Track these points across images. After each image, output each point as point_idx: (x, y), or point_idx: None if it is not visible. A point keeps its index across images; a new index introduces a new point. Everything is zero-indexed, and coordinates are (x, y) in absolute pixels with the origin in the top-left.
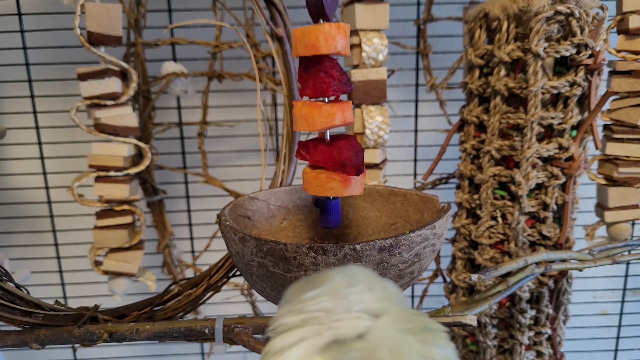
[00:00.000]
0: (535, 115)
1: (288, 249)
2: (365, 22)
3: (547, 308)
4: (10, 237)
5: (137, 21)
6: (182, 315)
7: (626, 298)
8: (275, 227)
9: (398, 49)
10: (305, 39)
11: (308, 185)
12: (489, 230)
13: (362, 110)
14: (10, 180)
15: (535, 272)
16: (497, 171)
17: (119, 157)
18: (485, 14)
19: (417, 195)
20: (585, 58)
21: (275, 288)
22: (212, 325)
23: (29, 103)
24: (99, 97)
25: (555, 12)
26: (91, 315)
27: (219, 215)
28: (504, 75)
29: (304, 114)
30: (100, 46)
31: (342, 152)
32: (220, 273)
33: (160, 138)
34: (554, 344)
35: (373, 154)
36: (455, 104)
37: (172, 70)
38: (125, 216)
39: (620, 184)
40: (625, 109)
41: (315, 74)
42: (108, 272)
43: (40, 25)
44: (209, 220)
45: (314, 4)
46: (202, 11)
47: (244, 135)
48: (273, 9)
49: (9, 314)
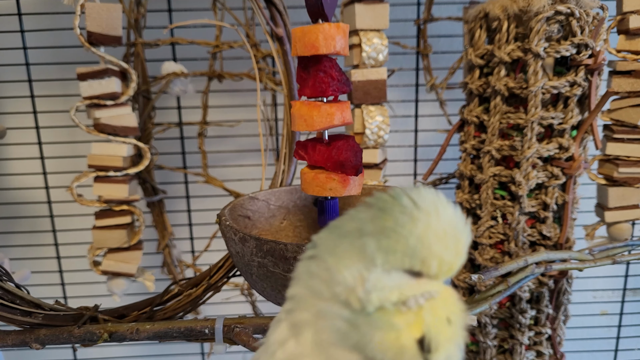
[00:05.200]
0: (535, 115)
1: (288, 249)
2: (365, 22)
3: (547, 308)
4: (10, 237)
5: (137, 21)
6: (182, 315)
7: (626, 298)
8: (275, 227)
9: (398, 49)
10: (305, 38)
11: (307, 185)
12: (489, 230)
13: (362, 110)
14: (10, 180)
15: (535, 272)
16: (497, 171)
17: (118, 157)
18: (485, 14)
19: None
20: (586, 58)
21: (275, 288)
22: (212, 325)
23: (29, 103)
24: (99, 97)
25: (556, 12)
26: (91, 315)
27: (219, 215)
28: (504, 75)
29: (303, 114)
30: (100, 46)
31: (341, 152)
32: (220, 273)
33: (160, 138)
34: (554, 344)
35: (373, 154)
36: (455, 104)
37: (172, 70)
38: (124, 216)
39: (620, 184)
40: (625, 109)
41: (315, 74)
42: (107, 272)
43: (40, 25)
44: (209, 220)
45: (314, 4)
46: (202, 11)
47: (244, 135)
48: (273, 9)
49: (9, 314)
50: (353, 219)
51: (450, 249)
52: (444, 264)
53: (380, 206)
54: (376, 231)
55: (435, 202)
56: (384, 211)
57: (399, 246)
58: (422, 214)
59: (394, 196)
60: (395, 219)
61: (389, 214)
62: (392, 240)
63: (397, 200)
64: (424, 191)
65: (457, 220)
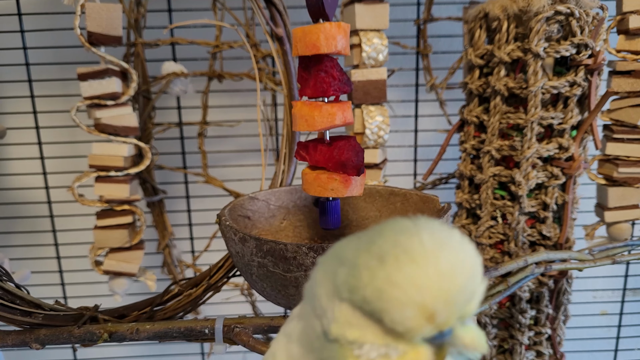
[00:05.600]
0: (535, 115)
1: (288, 249)
2: (365, 22)
3: (547, 308)
4: (10, 237)
5: (137, 21)
6: (182, 315)
7: (626, 298)
8: (275, 227)
9: (398, 49)
10: (306, 38)
11: (308, 186)
12: (489, 230)
13: (362, 110)
14: (10, 180)
15: (535, 272)
16: (497, 171)
17: (119, 157)
18: (485, 14)
19: (417, 195)
20: (585, 58)
21: (275, 288)
22: (212, 325)
23: (29, 103)
24: (99, 97)
25: (555, 12)
26: (91, 315)
27: (219, 215)
28: (504, 75)
29: (304, 114)
30: (100, 46)
31: (342, 152)
32: (220, 273)
33: (160, 138)
34: (554, 344)
35: (373, 154)
36: (455, 104)
37: (172, 70)
38: (125, 216)
39: (620, 184)
40: (625, 109)
41: (316, 74)
42: (108, 272)
43: (40, 25)
44: (209, 220)
45: (314, 4)
46: (202, 11)
47: (244, 135)
48: (273, 9)
49: (9, 314)
50: (352, 240)
51: (426, 309)
52: (415, 326)
53: (370, 236)
54: (350, 264)
55: (425, 248)
56: (370, 243)
57: (359, 290)
58: (392, 261)
59: (385, 230)
60: (365, 259)
61: (366, 249)
62: (355, 279)
63: (382, 236)
64: (424, 230)
65: (447, 276)
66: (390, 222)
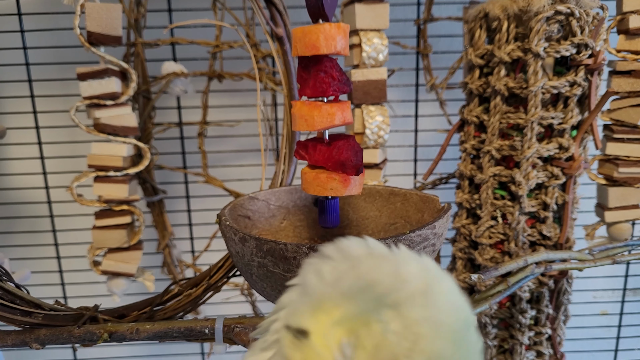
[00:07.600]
0: (535, 115)
1: (288, 249)
2: (365, 22)
3: (547, 308)
4: (10, 237)
5: (137, 21)
6: (182, 315)
7: (626, 298)
8: (275, 227)
9: (398, 49)
10: (306, 38)
11: (307, 185)
12: (489, 230)
13: (362, 110)
14: (10, 180)
15: (535, 272)
16: (497, 171)
17: (118, 157)
18: (485, 14)
19: (417, 195)
20: (586, 58)
21: (275, 288)
22: (212, 325)
23: (29, 103)
24: (99, 97)
25: (556, 12)
26: (91, 315)
27: (219, 215)
28: (504, 75)
29: (304, 114)
30: (100, 46)
31: (341, 151)
32: (220, 273)
33: (160, 138)
34: (554, 344)
35: (373, 154)
36: (455, 104)
37: (172, 70)
38: (124, 216)
39: (620, 184)
40: (625, 109)
41: (315, 74)
42: (107, 272)
43: (40, 25)
44: (209, 220)
45: (314, 4)
46: (202, 11)
47: (244, 135)
48: (273, 9)
49: (9, 314)
50: (324, 257)
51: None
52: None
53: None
54: (299, 285)
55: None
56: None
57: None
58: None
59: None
60: (301, 286)
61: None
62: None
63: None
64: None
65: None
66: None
